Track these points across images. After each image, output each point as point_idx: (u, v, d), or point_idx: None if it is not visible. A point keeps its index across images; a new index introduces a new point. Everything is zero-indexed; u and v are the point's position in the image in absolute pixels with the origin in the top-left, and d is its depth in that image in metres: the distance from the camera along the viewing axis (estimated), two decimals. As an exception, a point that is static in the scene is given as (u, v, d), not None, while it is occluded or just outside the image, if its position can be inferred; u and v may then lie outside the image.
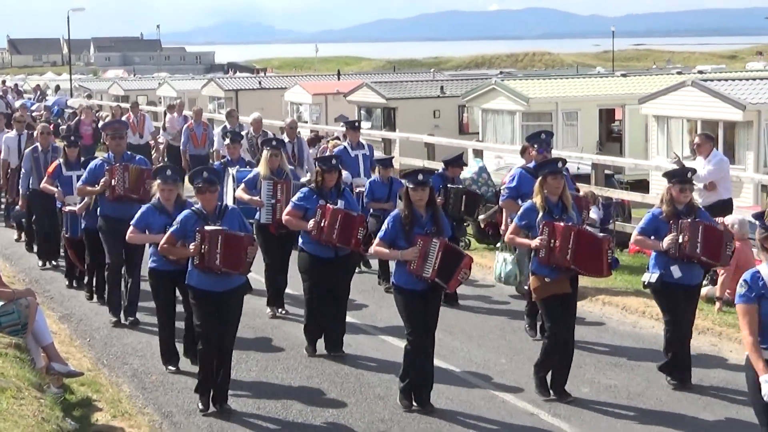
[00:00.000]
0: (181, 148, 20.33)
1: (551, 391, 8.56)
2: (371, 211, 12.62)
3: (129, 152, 11.06)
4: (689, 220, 8.50)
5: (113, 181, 10.28)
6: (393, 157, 14.93)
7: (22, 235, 15.89)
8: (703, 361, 9.64)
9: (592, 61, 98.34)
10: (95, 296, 12.08)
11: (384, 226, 8.13)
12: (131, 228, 9.05)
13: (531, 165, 10.73)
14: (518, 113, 28.54)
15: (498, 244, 12.53)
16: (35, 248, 14.98)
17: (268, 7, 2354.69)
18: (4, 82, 40.10)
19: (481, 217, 14.40)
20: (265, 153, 11.18)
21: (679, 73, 41.37)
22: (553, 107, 29.05)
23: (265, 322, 11.22)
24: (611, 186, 16.80)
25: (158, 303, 9.24)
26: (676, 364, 8.84)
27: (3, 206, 18.22)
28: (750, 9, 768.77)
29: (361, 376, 9.39)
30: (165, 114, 23.83)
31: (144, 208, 9.08)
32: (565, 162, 9.57)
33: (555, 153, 13.79)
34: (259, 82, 43.62)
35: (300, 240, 9.76)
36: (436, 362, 8.91)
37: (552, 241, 8.09)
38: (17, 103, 30.70)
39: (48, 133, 14.22)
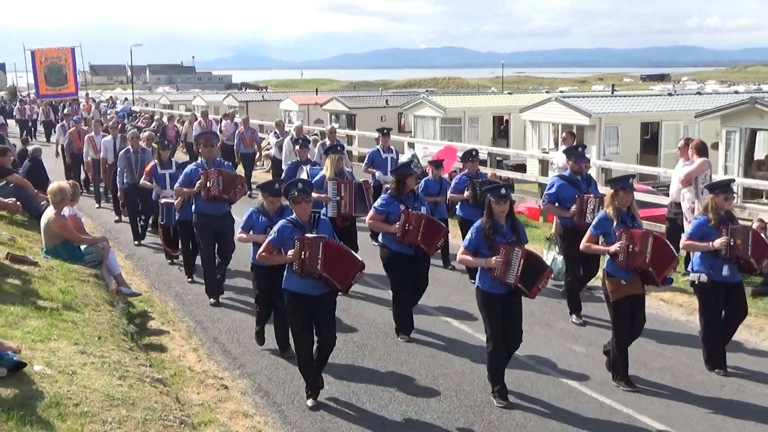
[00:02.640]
0: (234, 147, 21.89)
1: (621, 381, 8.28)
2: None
3: (218, 159, 11.17)
4: (739, 225, 8.57)
5: (208, 183, 10.43)
6: (444, 161, 14.97)
7: (122, 217, 16.57)
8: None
9: (488, 83, 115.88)
10: (193, 278, 12.16)
11: (468, 236, 7.89)
12: (240, 230, 9.07)
13: (567, 173, 10.81)
14: (438, 118, 34.60)
15: (548, 244, 12.44)
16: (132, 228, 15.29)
17: (268, 44, 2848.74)
18: (87, 95, 40.99)
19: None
20: (332, 157, 11.71)
21: (547, 92, 51.68)
22: (462, 114, 35.38)
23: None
24: (500, 167, 22.06)
25: (258, 293, 9.11)
26: (718, 354, 8.69)
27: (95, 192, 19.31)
28: (596, 49, 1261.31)
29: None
30: (221, 121, 25.36)
31: (249, 211, 9.02)
32: (634, 177, 9.69)
33: (462, 146, 17.81)
34: (262, 96, 55.22)
35: (381, 239, 9.81)
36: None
37: (631, 246, 8.01)
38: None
39: (137, 138, 14.90)
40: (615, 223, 8.24)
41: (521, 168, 26.13)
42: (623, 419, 7.56)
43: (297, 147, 13.95)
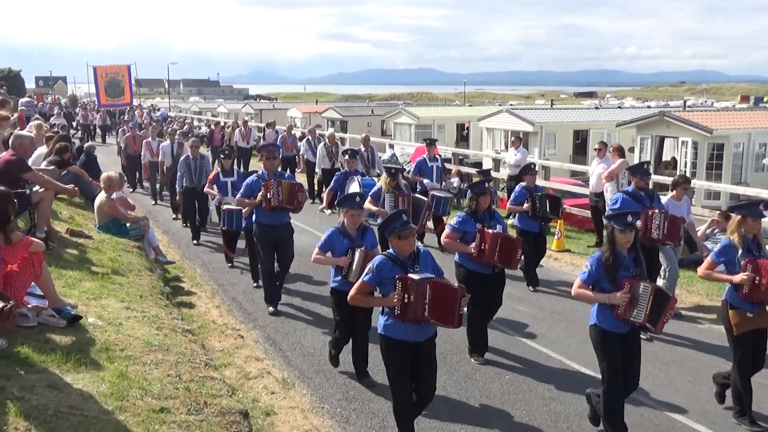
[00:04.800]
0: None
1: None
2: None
3: (279, 170, 9.42)
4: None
5: (269, 194, 8.71)
6: (491, 170, 13.72)
7: (178, 215, 15.30)
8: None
9: (453, 98, 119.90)
10: (257, 280, 10.25)
11: (586, 268, 5.77)
12: (316, 250, 6.96)
13: (630, 189, 9.01)
14: (413, 125, 34.90)
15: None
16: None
17: (278, 64, 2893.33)
18: (140, 104, 41.09)
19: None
20: (384, 177, 10.40)
21: (499, 105, 52.06)
22: (432, 122, 36.14)
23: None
24: (462, 165, 21.50)
25: (338, 320, 7.01)
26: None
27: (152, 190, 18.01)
28: (539, 71, 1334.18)
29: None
30: (264, 129, 23.70)
31: (329, 231, 6.97)
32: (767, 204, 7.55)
33: (442, 148, 17.12)
34: (273, 105, 55.70)
35: (457, 257, 7.67)
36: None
37: (757, 277, 6.06)
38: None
39: (197, 146, 13.44)
40: (740, 252, 6.21)
41: (478, 165, 26.08)
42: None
43: (347, 157, 12.15)
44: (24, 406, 4.37)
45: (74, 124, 37.31)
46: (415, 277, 5.35)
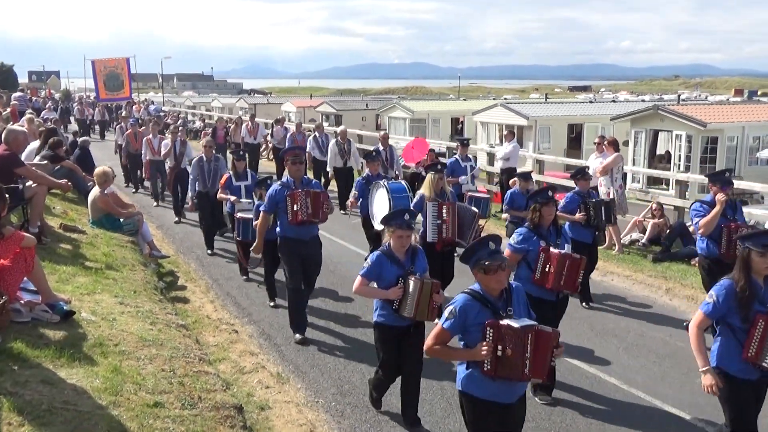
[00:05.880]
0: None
1: None
2: (509, 218, 10.40)
3: (306, 176, 7.98)
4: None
5: (295, 206, 7.56)
6: (531, 171, 12.62)
7: (181, 218, 14.54)
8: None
9: (447, 92, 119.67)
10: (275, 302, 9.28)
11: (710, 299, 4.71)
12: (360, 279, 5.76)
13: (707, 198, 7.84)
14: (407, 119, 34.74)
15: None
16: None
17: (273, 58, 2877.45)
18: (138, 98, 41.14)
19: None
20: (431, 176, 8.56)
21: (494, 99, 50.42)
22: (426, 116, 36.12)
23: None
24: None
25: (384, 358, 5.93)
26: None
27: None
28: (533, 65, 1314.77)
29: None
30: (273, 126, 21.97)
31: (374, 256, 5.77)
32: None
33: (436, 143, 17.30)
34: (268, 100, 55.80)
35: (514, 279, 6.17)
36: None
37: None
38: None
39: (211, 147, 12.31)
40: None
41: (473, 159, 26.33)
42: None
43: (367, 160, 10.61)
44: (17, 402, 4.35)
45: (71, 119, 37.14)
46: (515, 324, 4.15)
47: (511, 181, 14.38)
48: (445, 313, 4.31)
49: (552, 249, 6.23)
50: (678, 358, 7.65)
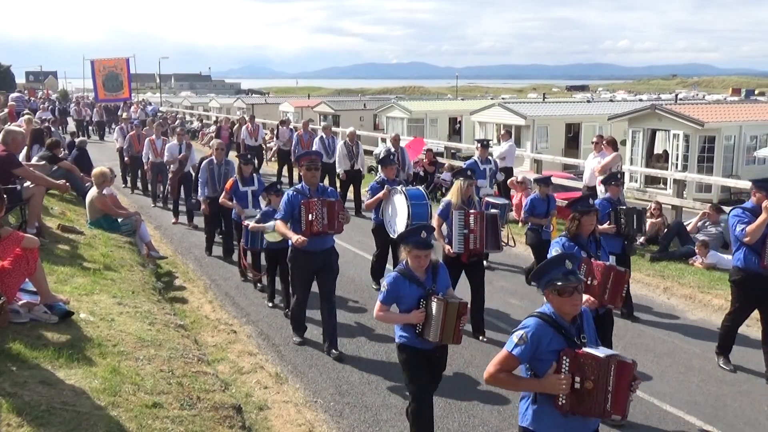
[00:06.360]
0: (292, 150, 17.80)
1: None
2: (529, 225, 9.97)
3: (321, 184, 7.49)
4: None
5: (310, 216, 7.08)
6: (551, 176, 11.87)
7: (177, 218, 14.23)
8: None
9: (445, 92, 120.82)
10: (273, 302, 9.13)
11: None
12: (378, 305, 5.23)
13: (749, 205, 7.13)
14: (405, 119, 34.77)
15: None
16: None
17: (270, 58, 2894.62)
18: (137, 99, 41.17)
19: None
20: (459, 183, 8.01)
21: (491, 99, 50.09)
22: (424, 116, 35.97)
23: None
24: (455, 158, 21.14)
25: (415, 389, 5.25)
26: None
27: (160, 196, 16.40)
28: (531, 65, 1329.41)
29: None
30: (278, 127, 21.40)
31: (390, 278, 5.20)
32: None
33: (433, 142, 17.45)
34: (265, 100, 54.84)
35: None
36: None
37: None
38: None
39: (222, 149, 11.52)
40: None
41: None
42: None
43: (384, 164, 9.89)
44: (16, 402, 4.35)
45: (69, 119, 37.04)
46: (597, 353, 3.66)
47: (509, 181, 14.50)
48: (514, 338, 3.80)
49: (594, 260, 5.82)
50: (676, 356, 7.66)
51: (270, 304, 9.13)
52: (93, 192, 10.35)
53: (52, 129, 18.21)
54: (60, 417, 4.32)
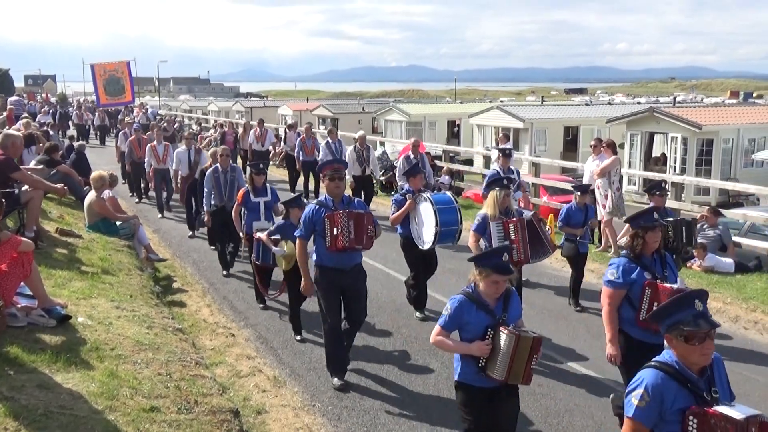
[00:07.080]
0: (295, 155, 17.69)
1: None
2: (564, 235, 9.53)
3: (347, 195, 6.81)
4: None
5: (335, 230, 6.41)
6: (590, 185, 10.90)
7: (194, 232, 13.48)
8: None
9: (444, 95, 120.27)
10: (299, 332, 8.17)
11: None
12: (437, 329, 4.51)
13: None
14: (404, 122, 34.64)
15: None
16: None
17: (269, 62, 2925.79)
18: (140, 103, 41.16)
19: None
20: (495, 193, 7.47)
21: (490, 102, 50.88)
22: (422, 119, 36.20)
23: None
24: (453, 161, 21.28)
25: (470, 424, 4.52)
26: None
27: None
28: (529, 68, 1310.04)
29: None
30: (285, 131, 21.01)
31: (455, 301, 4.46)
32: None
33: (432, 145, 17.39)
34: (264, 103, 55.02)
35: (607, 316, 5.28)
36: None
37: None
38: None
39: (227, 155, 10.98)
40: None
41: (469, 162, 26.71)
42: None
43: (404, 173, 9.28)
44: (14, 406, 4.35)
45: (69, 123, 37.00)
46: (734, 414, 3.03)
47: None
48: (633, 399, 3.21)
49: (660, 283, 5.08)
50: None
51: (299, 338, 8.10)
52: (91, 195, 10.38)
53: (51, 133, 18.17)
54: (57, 421, 4.32)
